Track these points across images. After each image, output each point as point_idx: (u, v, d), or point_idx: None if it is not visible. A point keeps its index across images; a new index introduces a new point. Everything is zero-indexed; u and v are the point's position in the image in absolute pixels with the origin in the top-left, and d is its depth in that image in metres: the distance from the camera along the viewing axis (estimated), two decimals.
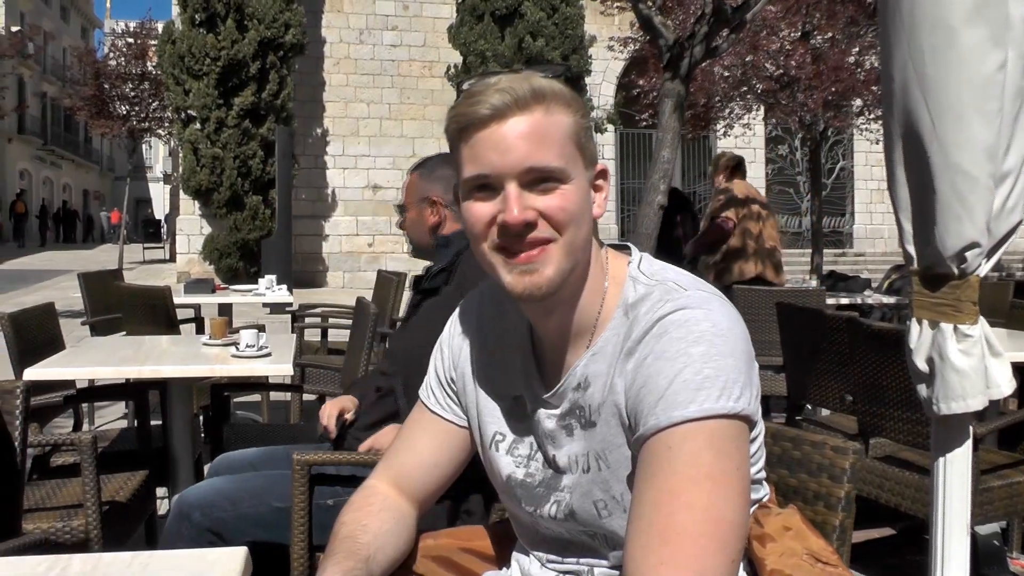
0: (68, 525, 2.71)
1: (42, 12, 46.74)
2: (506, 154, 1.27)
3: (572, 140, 1.30)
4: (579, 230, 1.30)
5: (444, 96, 18.59)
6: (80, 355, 3.67)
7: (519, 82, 1.29)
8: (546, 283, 1.29)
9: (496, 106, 1.27)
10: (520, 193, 1.28)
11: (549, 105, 1.28)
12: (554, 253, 1.29)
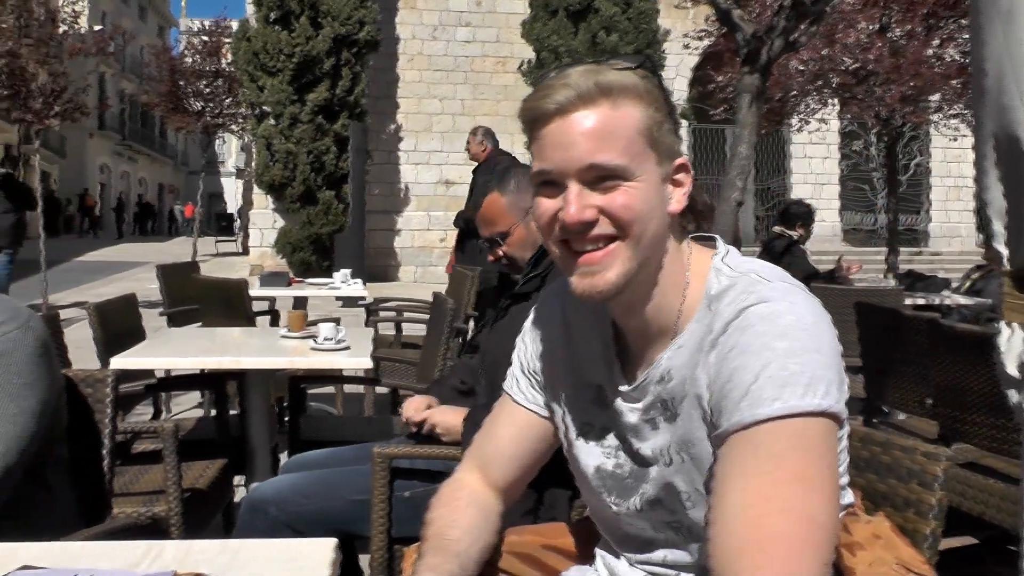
0: (150, 510, 2.77)
1: (122, 12, 47.94)
2: (568, 151, 1.26)
3: (642, 135, 1.27)
4: (646, 228, 1.27)
5: (517, 92, 18.58)
6: (162, 345, 3.75)
7: (585, 76, 1.27)
8: (605, 286, 1.28)
9: (560, 101, 1.26)
10: (580, 191, 1.26)
11: (616, 99, 1.26)
12: (619, 253, 1.27)
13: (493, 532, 1.53)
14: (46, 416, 1.83)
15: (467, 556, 1.44)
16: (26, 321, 1.83)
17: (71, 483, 2.00)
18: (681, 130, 1.33)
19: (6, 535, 1.56)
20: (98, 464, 2.11)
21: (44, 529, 1.75)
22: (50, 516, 1.89)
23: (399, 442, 2.58)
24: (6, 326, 1.79)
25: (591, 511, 1.55)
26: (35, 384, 1.80)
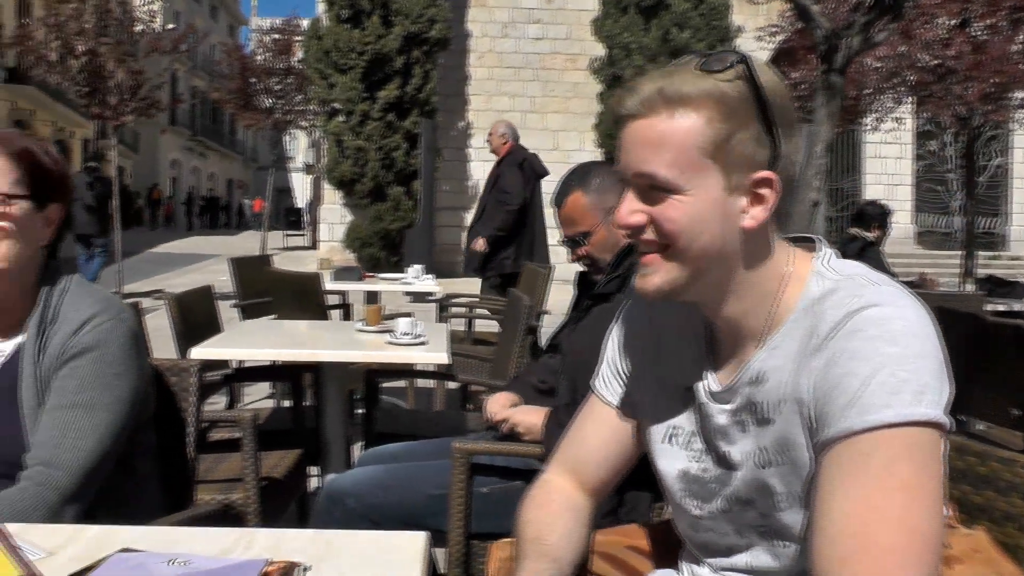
0: (227, 497, 2.81)
1: (194, 11, 48.94)
2: (625, 155, 1.28)
3: (700, 148, 1.23)
4: (693, 243, 1.25)
5: (587, 89, 18.55)
6: (241, 336, 3.81)
7: (653, 82, 1.25)
8: (652, 290, 1.29)
9: (626, 106, 1.27)
10: (632, 196, 1.27)
11: (676, 109, 1.23)
12: (663, 262, 1.28)
13: (586, 535, 1.53)
14: (137, 404, 1.88)
15: (565, 560, 1.45)
16: (119, 312, 1.88)
17: (157, 469, 2.04)
18: (791, 138, 1.28)
19: (99, 518, 1.60)
20: (182, 451, 2.14)
21: (133, 513, 1.79)
22: (138, 501, 1.93)
23: (478, 438, 2.58)
24: (100, 317, 1.84)
25: (673, 515, 1.52)
26: (127, 373, 1.85)
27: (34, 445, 1.76)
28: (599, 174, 2.62)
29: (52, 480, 1.71)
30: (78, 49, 14.45)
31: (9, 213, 1.80)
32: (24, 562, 1.26)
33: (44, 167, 1.89)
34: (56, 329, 1.84)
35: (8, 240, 1.80)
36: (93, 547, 1.32)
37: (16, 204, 1.82)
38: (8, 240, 1.80)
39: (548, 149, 18.80)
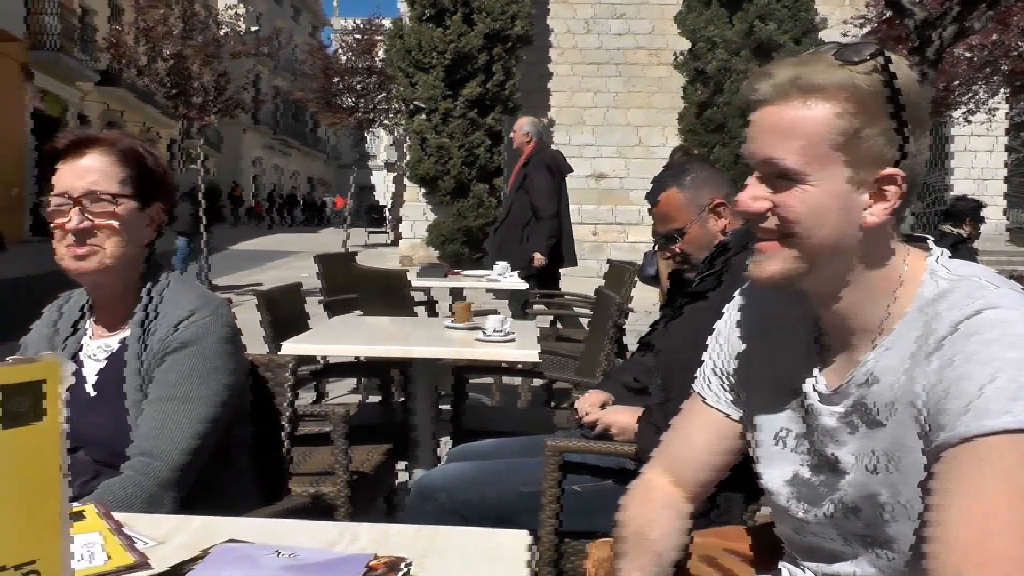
0: (317, 490, 2.85)
1: (276, 13, 49.80)
2: (752, 141, 1.26)
3: (830, 140, 1.21)
4: (812, 234, 1.23)
5: (671, 84, 18.37)
6: (330, 333, 3.85)
7: (785, 69, 1.24)
8: (766, 278, 1.27)
9: (759, 91, 1.25)
10: (756, 182, 1.26)
11: (811, 98, 1.21)
12: (780, 251, 1.25)
13: (686, 534, 1.51)
14: (233, 398, 1.92)
15: (666, 557, 1.43)
16: (217, 308, 1.93)
17: (253, 462, 2.08)
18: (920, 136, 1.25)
19: (198, 508, 1.63)
20: (277, 445, 2.18)
21: (229, 504, 1.82)
22: (235, 492, 1.98)
23: (569, 435, 2.57)
24: (199, 313, 1.89)
25: (776, 519, 1.49)
26: (224, 368, 1.89)
27: (136, 436, 1.82)
28: (694, 170, 2.60)
29: (152, 470, 1.76)
30: (165, 52, 14.83)
31: (116, 212, 1.86)
32: (136, 550, 1.29)
33: (148, 168, 1.95)
34: (157, 324, 1.89)
35: (115, 238, 1.86)
36: (198, 537, 1.35)
37: (123, 203, 1.87)
38: (115, 238, 1.86)
39: (631, 145, 18.71)
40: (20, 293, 13.51)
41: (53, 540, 0.95)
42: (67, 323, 2.03)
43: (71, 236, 1.84)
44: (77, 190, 1.85)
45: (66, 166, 1.88)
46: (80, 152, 1.89)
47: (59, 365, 0.92)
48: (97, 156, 1.88)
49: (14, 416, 0.90)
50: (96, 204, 1.85)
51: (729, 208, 2.57)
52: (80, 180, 1.86)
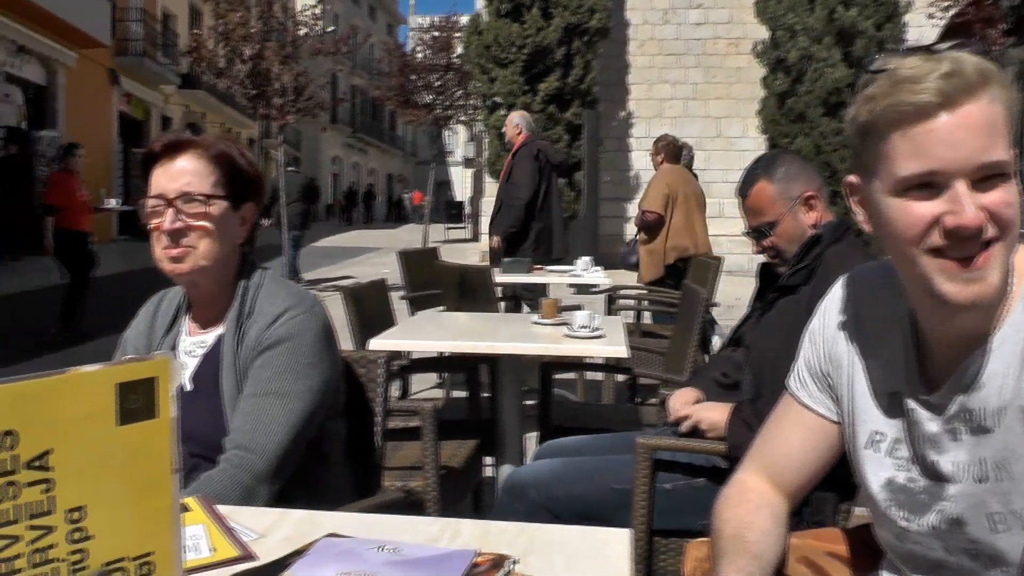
0: (406, 484, 2.87)
1: (353, 13, 50.39)
2: (958, 148, 1.12)
3: (1010, 128, 1.14)
4: (1017, 227, 1.15)
5: (750, 73, 18.10)
6: (417, 328, 3.88)
7: (961, 64, 1.14)
8: (992, 291, 1.15)
9: (945, 92, 1.12)
10: (969, 191, 1.13)
11: (991, 88, 1.13)
12: (997, 255, 1.14)
13: (784, 535, 1.48)
14: (328, 394, 1.95)
15: (766, 558, 1.40)
16: (311, 306, 1.96)
17: (346, 457, 2.10)
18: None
19: (293, 501, 1.66)
20: (370, 440, 2.20)
21: (324, 497, 1.86)
22: (329, 486, 2.00)
23: (660, 433, 2.56)
24: (294, 310, 1.92)
25: (875, 523, 1.45)
26: (319, 364, 1.92)
27: (232, 430, 1.86)
28: (785, 162, 2.56)
29: (247, 463, 1.79)
30: (245, 54, 15.10)
31: (209, 213, 1.90)
32: (240, 543, 1.32)
33: (240, 169, 1.98)
34: (253, 321, 1.93)
35: (208, 238, 1.90)
36: (299, 531, 1.37)
37: (215, 204, 1.91)
38: (208, 238, 1.90)
39: (711, 137, 18.49)
40: (112, 290, 13.91)
41: (166, 533, 0.98)
42: (163, 320, 2.07)
43: (166, 237, 1.88)
44: (171, 192, 1.89)
45: (161, 168, 1.93)
46: (174, 155, 1.93)
47: (170, 364, 0.94)
48: (190, 158, 1.93)
49: (129, 413, 0.92)
50: (189, 205, 1.89)
51: (821, 200, 2.53)
52: (174, 182, 1.90)
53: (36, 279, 14.86)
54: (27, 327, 10.73)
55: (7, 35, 19.13)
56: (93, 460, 0.91)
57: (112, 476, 0.93)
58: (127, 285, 13.48)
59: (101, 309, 11.87)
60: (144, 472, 0.95)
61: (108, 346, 7.10)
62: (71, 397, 0.89)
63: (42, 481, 0.87)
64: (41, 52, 20.65)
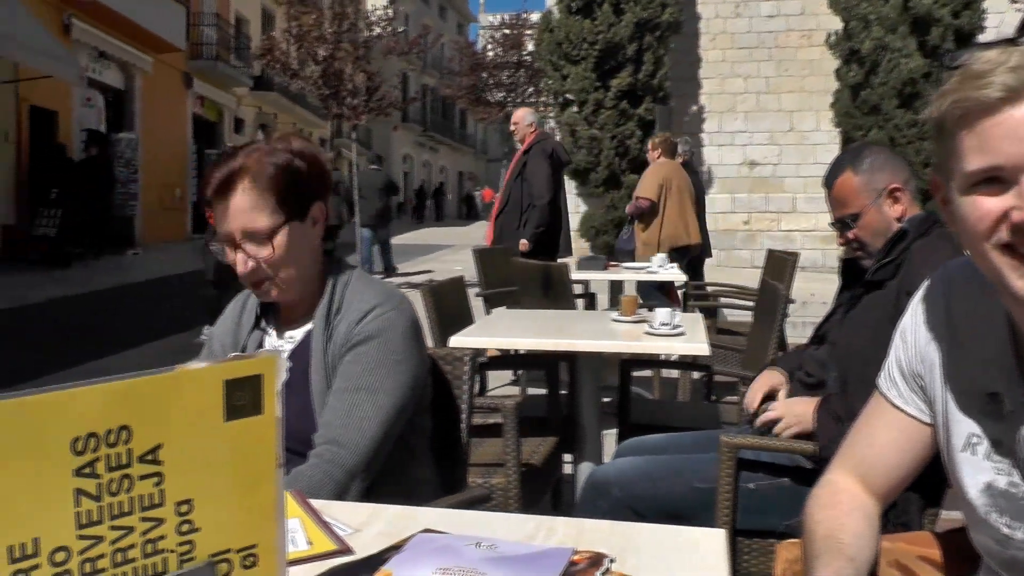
0: (488, 482, 2.88)
1: (423, 12, 50.65)
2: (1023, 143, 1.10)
3: None
4: None
5: (823, 66, 17.78)
6: (496, 326, 3.90)
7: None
8: None
9: (1011, 86, 1.10)
10: None
11: None
12: None
13: (876, 537, 1.45)
14: (416, 390, 1.96)
15: (860, 560, 1.37)
16: (399, 303, 1.98)
17: (432, 453, 2.12)
18: None
19: (381, 496, 1.68)
20: (455, 436, 2.22)
21: (411, 493, 1.87)
22: (416, 482, 2.02)
23: (741, 431, 2.53)
24: (383, 307, 1.94)
25: (972, 528, 1.40)
26: (407, 360, 1.93)
27: (321, 425, 1.88)
28: (872, 154, 2.51)
29: (338, 458, 1.81)
30: (319, 55, 15.31)
31: (275, 245, 1.89)
32: (336, 536, 1.34)
33: (298, 175, 1.94)
34: (342, 317, 1.95)
35: (283, 266, 1.91)
36: (394, 526, 1.38)
37: (279, 233, 1.90)
38: (283, 266, 1.91)
39: (783, 131, 18.23)
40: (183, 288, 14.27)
41: (270, 526, 1.00)
42: (250, 317, 2.11)
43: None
44: (234, 232, 1.89)
45: (219, 206, 1.91)
46: (226, 193, 1.89)
47: (276, 361, 0.96)
48: (242, 194, 1.88)
49: (236, 410, 0.94)
50: (253, 242, 1.89)
51: (907, 194, 2.48)
52: (234, 222, 1.89)
53: (115, 277, 15.29)
54: (105, 324, 11.02)
55: (89, 42, 19.70)
56: (201, 455, 0.93)
57: (219, 470, 0.95)
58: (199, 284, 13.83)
59: (177, 305, 12.18)
60: (249, 467, 0.97)
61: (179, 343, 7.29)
62: (181, 394, 0.91)
63: (154, 475, 0.89)
64: (120, 57, 21.24)
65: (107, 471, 0.86)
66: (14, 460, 0.81)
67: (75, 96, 18.93)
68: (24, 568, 0.82)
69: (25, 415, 0.81)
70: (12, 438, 0.80)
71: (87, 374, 2.98)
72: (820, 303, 9.29)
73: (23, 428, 0.81)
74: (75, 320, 11.11)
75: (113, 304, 12.44)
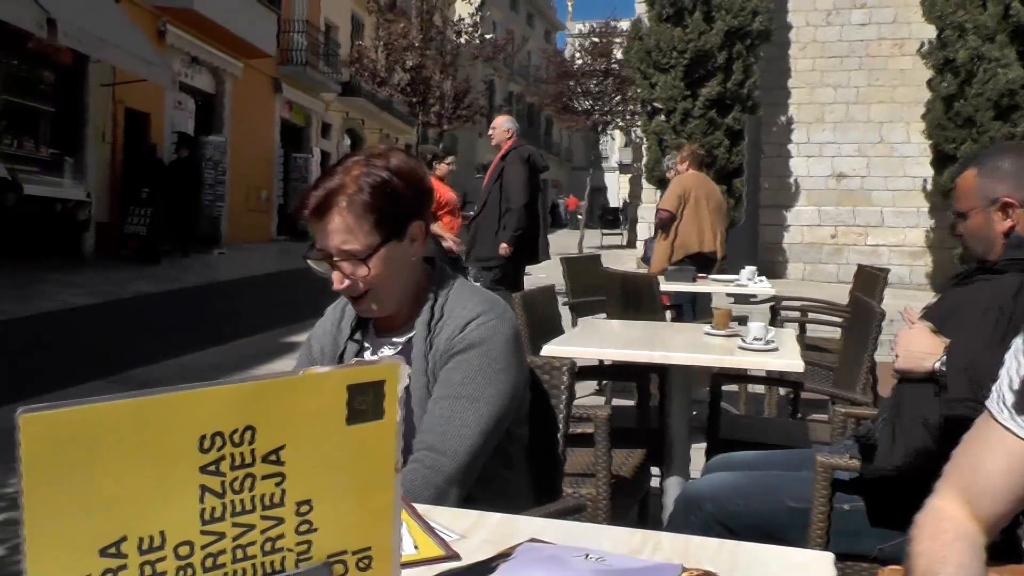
0: (577, 492, 2.87)
1: (511, 20, 50.85)
2: None
3: None
4: None
5: (915, 76, 17.38)
6: (588, 336, 3.89)
7: None
8: None
9: None
10: None
11: None
12: None
13: (981, 569, 1.37)
14: (516, 399, 1.97)
15: None
16: (502, 312, 1.99)
17: (528, 462, 2.12)
18: None
19: (476, 504, 1.68)
20: (551, 446, 2.21)
21: (507, 502, 1.86)
22: (512, 491, 2.03)
23: (835, 450, 2.48)
24: (486, 315, 1.95)
25: None
26: (509, 369, 1.94)
27: (421, 431, 1.89)
28: (1003, 160, 2.35)
29: (439, 465, 1.82)
30: (407, 63, 15.52)
31: (372, 267, 1.90)
32: (443, 542, 1.34)
33: (396, 195, 1.92)
34: (443, 325, 1.96)
35: (380, 284, 1.92)
36: (499, 533, 1.39)
37: (376, 255, 1.90)
38: (380, 284, 1.92)
39: (872, 142, 17.84)
40: (274, 287, 14.58)
41: (386, 530, 1.01)
42: (350, 322, 2.13)
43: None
44: (331, 249, 1.90)
45: (316, 224, 1.91)
46: (323, 215, 1.89)
47: (398, 367, 0.97)
48: (339, 216, 1.88)
49: (357, 414, 0.96)
50: (350, 262, 1.90)
51: (1020, 211, 2.37)
52: (331, 240, 1.90)
53: (203, 275, 15.67)
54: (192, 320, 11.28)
55: (182, 47, 20.27)
56: (321, 457, 0.95)
57: (338, 473, 0.96)
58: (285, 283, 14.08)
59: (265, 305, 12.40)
60: (368, 471, 0.98)
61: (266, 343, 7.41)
62: (305, 396, 0.93)
63: (275, 475, 0.91)
64: (211, 63, 21.82)
65: (231, 469, 0.88)
66: (146, 456, 0.83)
67: (167, 99, 19.47)
68: (151, 560, 0.84)
69: (157, 413, 0.84)
70: (145, 434, 0.83)
71: (176, 368, 3.10)
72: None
73: (155, 425, 0.83)
74: (163, 316, 11.41)
75: (200, 301, 12.73)
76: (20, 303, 10.73)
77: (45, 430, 0.77)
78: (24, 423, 0.75)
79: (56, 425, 0.78)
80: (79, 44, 12.90)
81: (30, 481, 0.77)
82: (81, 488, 0.80)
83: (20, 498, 0.75)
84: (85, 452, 0.79)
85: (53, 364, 7.81)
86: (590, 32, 25.49)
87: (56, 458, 0.78)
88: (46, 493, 0.78)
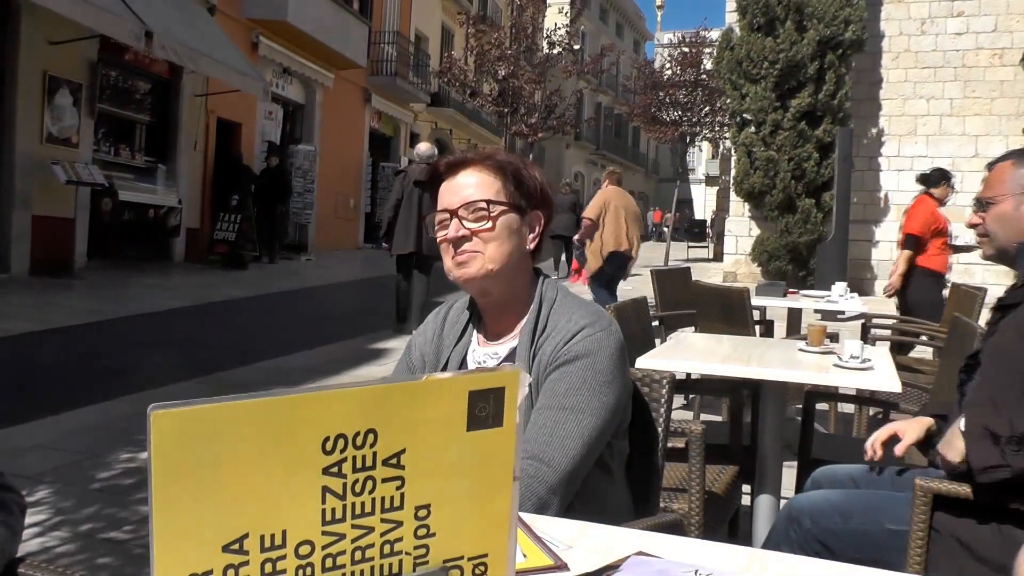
0: (669, 506, 2.84)
1: (601, 31, 50.90)
2: None
3: None
4: None
5: (1016, 87, 16.88)
6: (682, 349, 3.85)
7: None
8: None
9: None
10: None
11: None
12: None
13: None
14: (618, 412, 1.96)
15: None
16: (608, 324, 1.99)
17: (627, 475, 2.11)
18: None
19: (574, 514, 1.67)
20: (650, 459, 2.20)
21: (605, 514, 1.86)
22: (611, 503, 2.02)
23: (936, 474, 2.42)
24: (592, 328, 1.95)
25: None
26: (613, 382, 1.93)
27: (525, 441, 1.89)
28: None
29: (542, 475, 1.82)
30: (499, 74, 15.62)
31: (492, 217, 1.96)
32: (551, 552, 1.34)
33: (522, 179, 2.04)
34: (547, 336, 1.97)
35: (493, 242, 1.95)
36: (605, 545, 1.38)
37: (497, 208, 1.97)
38: (493, 242, 1.95)
39: (967, 157, 17.28)
40: (360, 293, 14.82)
41: (503, 537, 1.01)
42: (451, 330, 2.14)
43: (452, 246, 1.95)
44: (455, 203, 1.97)
45: (445, 184, 2.02)
46: (456, 171, 2.02)
47: (520, 375, 0.97)
48: (471, 171, 2.01)
49: (477, 420, 0.96)
50: (472, 213, 1.96)
51: None
52: (457, 195, 1.98)
53: (290, 281, 16.00)
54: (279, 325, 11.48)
55: (274, 58, 20.70)
56: (441, 462, 0.95)
57: (457, 479, 0.97)
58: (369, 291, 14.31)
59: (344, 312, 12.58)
60: (487, 477, 0.98)
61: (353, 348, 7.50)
62: (426, 401, 0.93)
63: (396, 478, 0.92)
64: (303, 73, 22.24)
65: (353, 472, 0.89)
66: (270, 455, 0.85)
67: (259, 110, 19.90)
68: (272, 557, 0.86)
69: (284, 413, 0.85)
70: (270, 434, 0.84)
71: (263, 371, 3.15)
72: None
73: (281, 425, 0.85)
74: (251, 319, 11.64)
75: (287, 306, 12.97)
76: (115, 304, 11.07)
77: (175, 426, 0.79)
78: (155, 419, 0.76)
79: (186, 422, 0.79)
80: (175, 56, 13.29)
81: (159, 475, 0.79)
82: (207, 484, 0.82)
83: (149, 492, 0.77)
84: (212, 449, 0.81)
85: (145, 363, 8.04)
86: (680, 42, 25.33)
87: (184, 454, 0.80)
88: (174, 488, 0.80)
